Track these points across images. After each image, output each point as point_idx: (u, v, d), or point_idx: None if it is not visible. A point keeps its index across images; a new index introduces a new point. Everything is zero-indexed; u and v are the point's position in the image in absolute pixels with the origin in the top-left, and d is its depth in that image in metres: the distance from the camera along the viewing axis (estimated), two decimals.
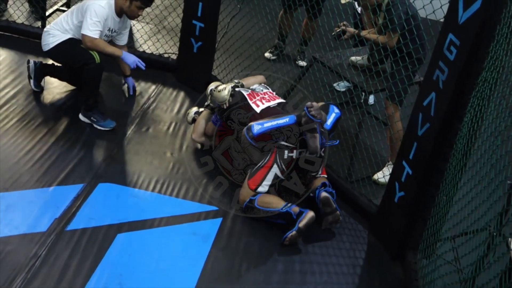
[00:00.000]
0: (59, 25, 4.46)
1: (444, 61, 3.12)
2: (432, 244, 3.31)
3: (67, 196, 3.75)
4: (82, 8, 4.36)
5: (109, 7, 4.37)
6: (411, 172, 3.44)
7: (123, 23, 4.58)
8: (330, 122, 3.88)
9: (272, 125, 3.78)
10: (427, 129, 3.29)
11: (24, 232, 3.42)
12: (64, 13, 4.60)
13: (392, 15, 4.02)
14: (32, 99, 4.67)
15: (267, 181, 3.83)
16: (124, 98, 4.97)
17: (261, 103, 4.07)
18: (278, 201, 3.80)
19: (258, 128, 3.77)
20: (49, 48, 4.47)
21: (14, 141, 4.14)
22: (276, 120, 3.79)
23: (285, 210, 3.71)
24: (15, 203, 3.62)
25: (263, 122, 3.80)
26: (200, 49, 5.08)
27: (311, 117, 3.65)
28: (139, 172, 4.09)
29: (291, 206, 3.73)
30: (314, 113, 3.65)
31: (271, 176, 3.83)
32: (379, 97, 5.20)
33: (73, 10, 4.48)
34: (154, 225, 3.67)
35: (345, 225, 3.98)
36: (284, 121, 3.77)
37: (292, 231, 3.65)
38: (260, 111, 4.01)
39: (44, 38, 4.50)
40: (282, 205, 3.75)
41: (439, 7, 3.40)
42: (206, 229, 3.73)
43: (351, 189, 4.14)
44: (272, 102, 4.10)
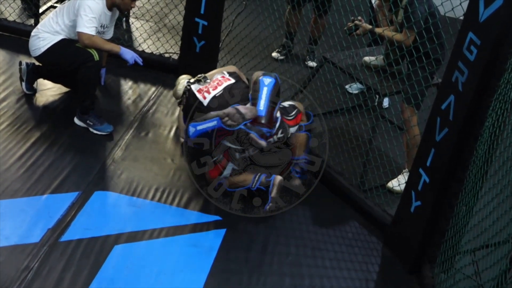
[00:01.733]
0: (48, 27, 4.47)
1: (463, 62, 3.13)
2: (451, 257, 3.31)
3: (61, 205, 3.76)
4: (74, 6, 4.38)
5: (102, 2, 4.40)
6: (429, 180, 3.44)
7: (113, 16, 4.61)
8: (264, 105, 3.87)
9: (203, 128, 3.89)
10: (445, 134, 3.29)
11: (15, 243, 3.43)
12: (50, 14, 4.62)
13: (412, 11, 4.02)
14: (24, 101, 4.70)
15: (224, 175, 4.03)
16: (122, 101, 4.99)
17: (208, 94, 4.09)
18: (246, 177, 4.00)
19: (192, 131, 3.90)
20: (40, 52, 4.47)
21: (5, 147, 4.17)
22: (206, 123, 3.87)
23: (256, 187, 3.95)
24: (5, 212, 3.63)
25: (197, 124, 3.89)
26: (203, 48, 5.10)
27: (229, 128, 3.82)
28: (138, 180, 4.11)
29: (259, 178, 3.94)
30: (230, 122, 3.80)
31: (228, 171, 4.03)
32: (394, 100, 5.20)
33: (61, 9, 4.49)
34: (154, 236, 3.68)
35: (358, 237, 3.98)
36: (212, 124, 3.87)
37: (268, 204, 3.92)
38: (207, 104, 4.04)
39: (33, 42, 4.50)
40: (250, 181, 3.97)
41: (459, 4, 3.41)
42: (209, 240, 3.74)
43: (364, 199, 4.14)
44: (219, 88, 4.09)
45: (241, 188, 3.99)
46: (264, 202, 3.97)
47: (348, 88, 5.54)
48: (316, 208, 4.19)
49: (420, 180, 3.51)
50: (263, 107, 3.86)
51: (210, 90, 4.09)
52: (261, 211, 4.00)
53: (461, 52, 3.14)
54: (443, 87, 3.35)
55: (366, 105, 4.76)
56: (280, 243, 3.83)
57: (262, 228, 3.92)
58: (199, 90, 4.15)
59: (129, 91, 5.16)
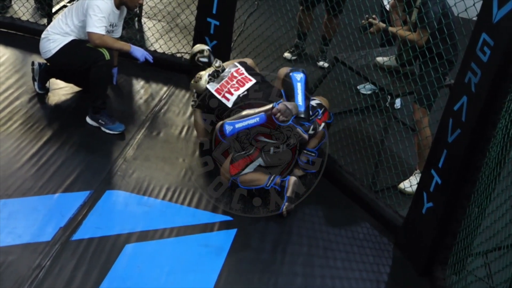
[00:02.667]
0: (57, 28, 4.51)
1: (476, 63, 3.12)
2: (463, 259, 3.30)
3: (72, 204, 3.79)
4: (82, 6, 4.41)
5: (110, 1, 4.43)
6: (440, 182, 3.43)
7: (121, 15, 4.63)
8: (302, 100, 4.02)
9: (243, 125, 3.94)
10: (457, 135, 3.28)
11: (27, 241, 3.46)
12: (58, 15, 4.65)
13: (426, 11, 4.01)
14: (36, 101, 4.73)
15: (249, 169, 4.06)
16: (134, 100, 5.02)
17: (230, 95, 4.19)
18: (260, 176, 4.05)
19: (230, 129, 3.94)
20: (51, 54, 4.51)
21: (18, 145, 4.20)
22: (247, 120, 3.94)
23: (270, 187, 4.00)
24: (17, 210, 3.66)
25: (234, 122, 3.94)
26: (215, 48, 5.11)
27: (282, 124, 3.86)
28: (149, 179, 4.13)
29: (274, 179, 4.00)
30: (282, 118, 3.83)
31: (254, 165, 4.07)
32: (407, 101, 5.19)
33: (70, 10, 4.52)
34: (165, 235, 3.70)
35: (369, 238, 3.98)
36: (254, 121, 3.93)
37: (284, 204, 3.97)
38: (232, 104, 4.16)
39: (44, 45, 4.54)
40: (265, 180, 4.00)
41: (472, 4, 3.40)
42: (220, 240, 3.75)
43: (375, 199, 4.14)
44: (241, 88, 4.22)
45: (254, 187, 4.04)
46: (278, 203, 3.99)
47: (361, 89, 5.53)
48: (327, 208, 4.19)
49: (432, 181, 3.50)
50: (301, 102, 4.00)
51: (231, 90, 4.17)
52: (261, 211, 4.02)
53: (474, 53, 3.13)
54: (455, 88, 3.34)
55: (379, 106, 4.75)
56: (291, 242, 3.83)
57: (273, 228, 3.92)
58: (217, 90, 4.24)
59: (141, 91, 5.18)
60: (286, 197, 3.97)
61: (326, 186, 4.36)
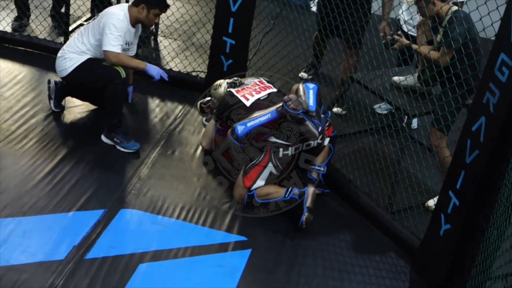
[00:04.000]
0: (73, 47, 4.55)
1: (495, 83, 3.10)
2: (481, 282, 3.26)
3: (87, 222, 3.80)
4: (99, 25, 4.45)
5: (126, 20, 4.47)
6: (458, 203, 3.40)
7: (136, 33, 4.67)
8: (313, 102, 4.11)
9: (255, 123, 4.00)
10: (476, 156, 3.25)
11: (41, 260, 3.47)
12: (74, 34, 4.69)
13: (454, 31, 4.01)
14: (52, 118, 4.77)
15: (261, 178, 4.07)
16: (149, 118, 5.04)
17: (251, 96, 4.26)
18: (277, 189, 4.07)
19: (242, 129, 3.99)
20: (67, 73, 4.55)
21: (33, 163, 4.22)
22: (258, 118, 4.02)
23: (289, 197, 4.00)
24: (32, 228, 3.67)
25: (246, 122, 4.02)
26: (230, 67, 5.14)
27: (291, 111, 3.88)
28: (164, 198, 4.13)
29: (292, 190, 4.00)
30: (293, 105, 3.88)
31: (266, 173, 4.08)
32: (424, 121, 5.17)
33: (86, 29, 4.57)
34: (179, 255, 3.69)
35: (385, 260, 3.94)
36: (266, 117, 4.00)
37: (304, 214, 3.97)
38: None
39: (60, 63, 4.58)
40: (283, 192, 4.03)
41: (490, 24, 3.39)
42: (234, 261, 3.74)
43: (392, 221, 4.11)
44: (263, 93, 4.31)
45: (273, 200, 4.06)
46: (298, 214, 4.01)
47: (377, 109, 5.52)
48: (343, 229, 4.16)
49: (449, 202, 3.47)
50: (312, 103, 4.08)
51: (253, 93, 4.26)
52: (261, 211, 4.09)
53: (493, 73, 3.11)
54: (474, 108, 3.32)
55: (395, 126, 4.74)
56: (306, 264, 3.81)
57: (288, 249, 3.90)
58: (238, 91, 4.32)
59: (156, 109, 5.20)
60: (305, 208, 3.97)
61: (342, 207, 4.35)
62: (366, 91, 4.73)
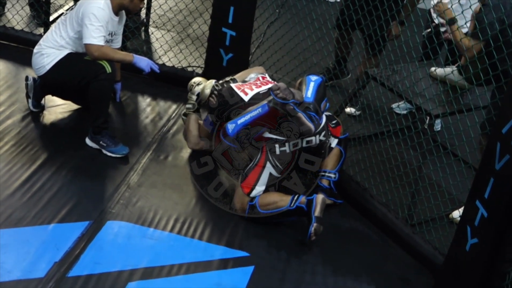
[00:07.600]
0: (51, 41, 4.55)
1: None
2: None
3: (69, 236, 3.80)
4: (77, 15, 4.44)
5: (108, 8, 4.46)
6: (487, 215, 3.40)
7: (120, 22, 4.68)
8: (311, 94, 4.17)
9: (246, 119, 4.03)
10: (506, 161, 3.25)
11: (18, 277, 3.46)
12: (52, 27, 4.68)
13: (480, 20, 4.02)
14: (30, 119, 4.78)
15: (261, 183, 4.10)
16: (139, 119, 5.05)
17: (250, 90, 4.30)
18: (282, 197, 4.08)
19: (232, 127, 4.03)
20: (45, 71, 4.55)
21: (8, 170, 4.23)
22: (249, 114, 4.04)
23: (295, 206, 3.99)
24: (7, 243, 3.68)
25: (236, 120, 4.05)
26: (230, 62, 5.15)
27: (280, 100, 3.90)
28: (156, 209, 4.14)
29: (298, 198, 4.00)
30: (282, 95, 3.90)
31: (266, 176, 4.10)
32: (448, 122, 5.17)
33: (63, 21, 4.56)
34: (172, 273, 3.69)
35: (404, 278, 3.95)
36: (257, 112, 4.03)
37: (313, 225, 3.94)
38: (248, 99, 4.24)
39: (36, 60, 4.58)
40: (288, 201, 4.02)
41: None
42: (235, 279, 3.74)
43: (412, 234, 4.11)
44: (264, 87, 4.35)
45: (277, 210, 4.06)
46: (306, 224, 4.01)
47: (396, 108, 5.52)
48: (356, 243, 4.17)
49: (477, 214, 3.47)
50: (310, 96, 4.14)
51: (253, 87, 4.30)
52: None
53: None
54: (504, 108, 3.32)
55: (416, 128, 4.74)
56: (315, 283, 3.81)
57: (295, 265, 3.90)
58: (237, 86, 4.36)
59: (147, 109, 5.22)
60: (314, 218, 3.95)
61: (355, 219, 4.35)
62: (383, 89, 4.73)
